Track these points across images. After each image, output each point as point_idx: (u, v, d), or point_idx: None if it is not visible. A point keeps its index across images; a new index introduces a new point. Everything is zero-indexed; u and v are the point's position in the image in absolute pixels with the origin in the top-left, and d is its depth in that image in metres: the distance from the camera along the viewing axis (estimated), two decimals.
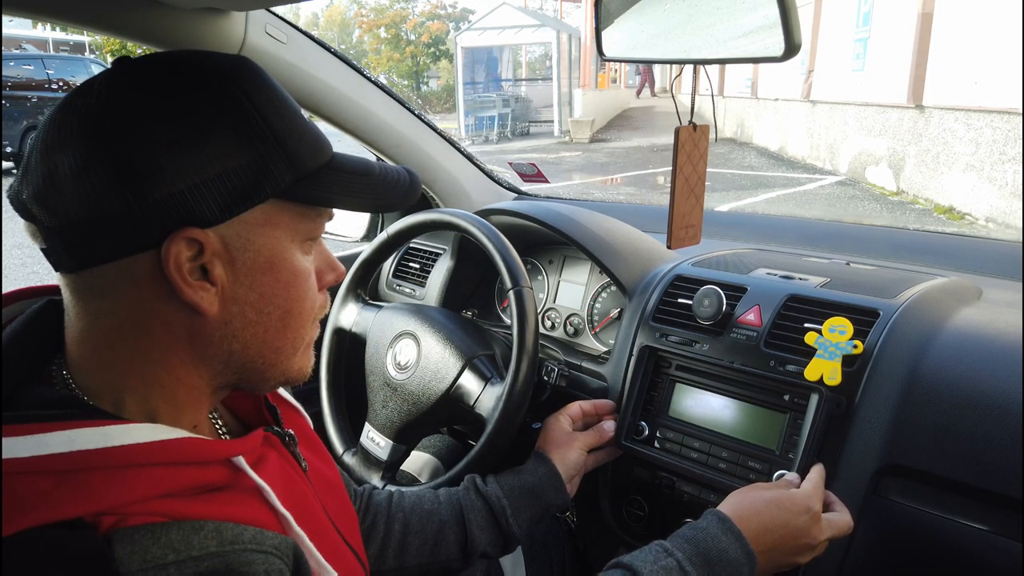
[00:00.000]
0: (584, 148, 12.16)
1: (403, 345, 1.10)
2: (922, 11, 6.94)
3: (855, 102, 8.41)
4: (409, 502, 0.87)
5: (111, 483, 0.43)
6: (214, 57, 0.52)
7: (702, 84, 1.04)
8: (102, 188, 0.45)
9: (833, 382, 0.82)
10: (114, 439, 0.44)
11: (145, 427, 0.46)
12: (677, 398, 0.96)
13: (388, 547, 0.83)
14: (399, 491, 0.89)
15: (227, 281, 0.50)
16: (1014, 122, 5.62)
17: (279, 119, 0.51)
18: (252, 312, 0.52)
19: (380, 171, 0.57)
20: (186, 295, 0.48)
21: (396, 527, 0.84)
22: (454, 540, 0.85)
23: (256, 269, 0.51)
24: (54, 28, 14.73)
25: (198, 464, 0.48)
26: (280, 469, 0.56)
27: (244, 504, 0.49)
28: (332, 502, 0.65)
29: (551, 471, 0.89)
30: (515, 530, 0.87)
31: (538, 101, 16.49)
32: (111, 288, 0.48)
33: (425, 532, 0.84)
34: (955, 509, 0.73)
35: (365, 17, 27.78)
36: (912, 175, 7.20)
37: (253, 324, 0.52)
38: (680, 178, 0.94)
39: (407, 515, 0.85)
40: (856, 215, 6.71)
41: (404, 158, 1.39)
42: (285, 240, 0.53)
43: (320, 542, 0.54)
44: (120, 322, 0.48)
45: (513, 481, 0.89)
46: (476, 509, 0.86)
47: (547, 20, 16.14)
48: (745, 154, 10.89)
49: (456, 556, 0.85)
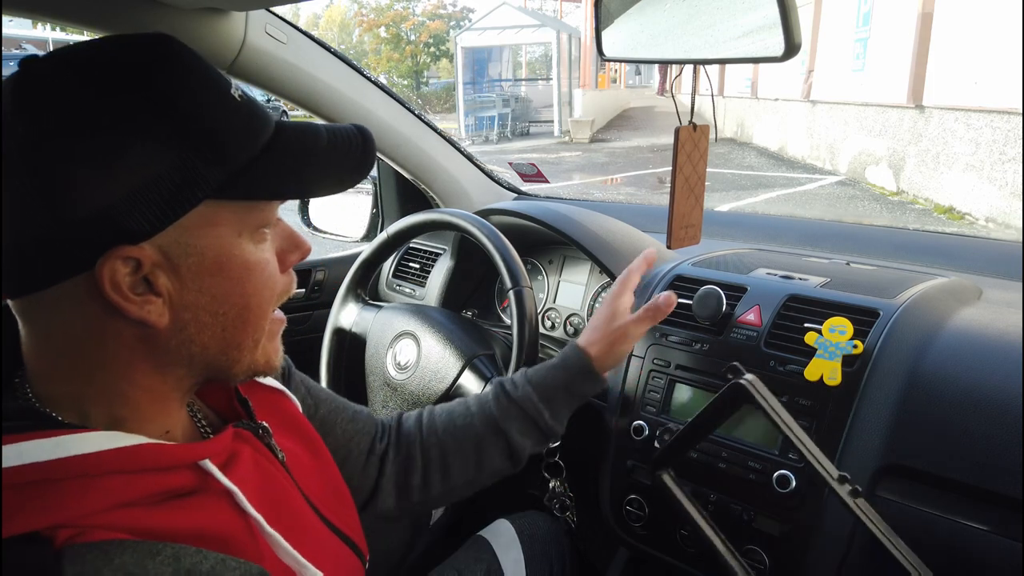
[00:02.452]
0: (584, 148, 12.16)
1: (403, 345, 1.10)
2: (922, 11, 6.94)
3: (855, 102, 8.41)
4: (441, 423, 0.85)
5: (66, 494, 0.41)
6: (125, 48, 0.46)
7: (702, 84, 1.04)
8: (23, 213, 0.42)
9: (833, 382, 0.82)
10: (68, 449, 0.43)
11: (100, 435, 0.45)
12: (677, 398, 0.96)
13: (431, 474, 0.83)
14: (429, 413, 0.87)
15: (174, 289, 0.47)
16: (1014, 122, 5.62)
17: (201, 111, 0.46)
18: (206, 315, 0.49)
19: (328, 143, 0.52)
20: (130, 312, 0.45)
21: (433, 453, 0.83)
22: (496, 452, 0.84)
23: (203, 272, 0.48)
24: (54, 28, 14.71)
25: (161, 470, 0.46)
26: (254, 464, 0.54)
27: (212, 509, 0.48)
28: (317, 488, 0.63)
29: (584, 366, 0.86)
30: (556, 428, 0.85)
31: (538, 101, 16.49)
32: (56, 308, 0.46)
33: (464, 451, 0.83)
34: (955, 509, 0.73)
35: (365, 17, 27.76)
36: (912, 175, 7.20)
37: (209, 326, 0.50)
38: (680, 178, 0.94)
39: (441, 438, 0.83)
40: (856, 215, 6.71)
41: (404, 158, 1.39)
42: (231, 237, 0.49)
43: (300, 538, 0.53)
44: (72, 337, 0.46)
45: (545, 380, 0.86)
46: (511, 417, 0.84)
47: (547, 20, 16.13)
48: (745, 154, 10.88)
49: (503, 464, 0.84)
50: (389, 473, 0.83)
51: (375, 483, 0.83)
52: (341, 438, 0.80)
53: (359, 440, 0.82)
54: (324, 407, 0.80)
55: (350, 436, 0.81)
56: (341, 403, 0.83)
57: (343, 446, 0.80)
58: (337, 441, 0.79)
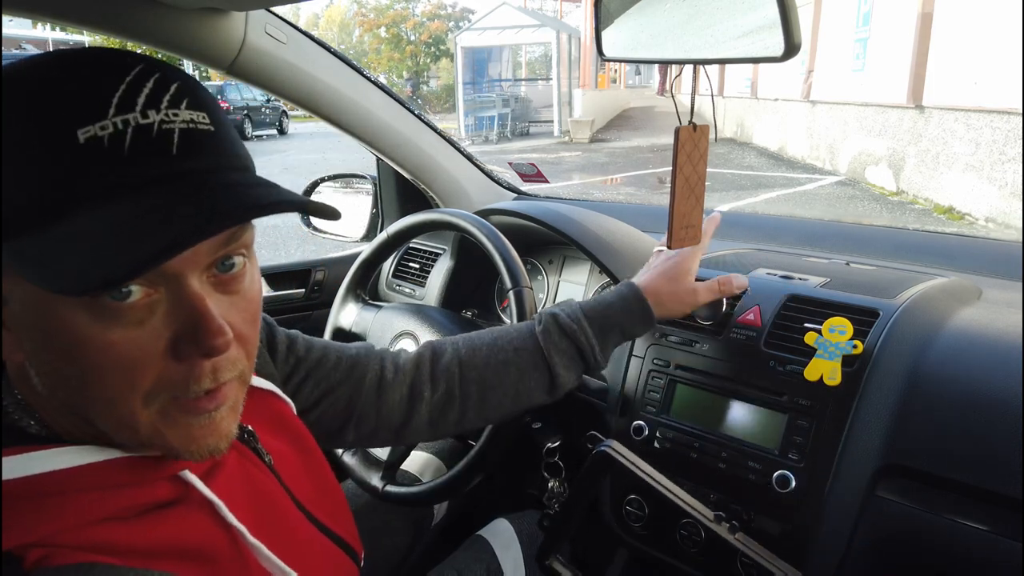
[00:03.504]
0: (584, 148, 12.16)
1: (403, 345, 1.10)
2: (922, 11, 6.94)
3: (855, 102, 8.41)
4: (482, 358, 0.83)
5: (40, 512, 0.40)
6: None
7: (702, 84, 1.04)
8: None
9: (833, 382, 0.82)
10: (36, 467, 0.41)
11: (71, 451, 0.43)
12: (677, 398, 0.96)
13: (468, 410, 0.82)
14: (469, 347, 0.84)
15: (22, 352, 0.43)
16: (1014, 122, 5.62)
17: None
18: (50, 375, 0.43)
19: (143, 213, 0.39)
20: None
21: (472, 389, 0.82)
22: (537, 386, 0.83)
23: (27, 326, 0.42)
24: (54, 28, 14.72)
25: (140, 484, 0.45)
26: (239, 470, 0.53)
27: (193, 521, 0.46)
28: (307, 488, 0.62)
29: (644, 310, 0.85)
30: (603, 364, 0.85)
31: (538, 101, 16.49)
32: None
33: (504, 385, 0.82)
34: (955, 509, 0.73)
35: (365, 17, 27.76)
36: (912, 175, 7.20)
37: (62, 388, 0.43)
38: (680, 178, 0.94)
39: (482, 374, 0.82)
40: (856, 215, 6.71)
41: (404, 158, 1.39)
42: (53, 300, 0.40)
43: (286, 544, 0.52)
44: None
45: (602, 317, 0.84)
46: (560, 351, 0.83)
47: (547, 20, 16.14)
48: (745, 154, 10.88)
49: (543, 398, 0.84)
50: (423, 412, 0.82)
51: (406, 418, 0.82)
52: (341, 376, 0.79)
53: (361, 371, 0.81)
54: (315, 352, 0.79)
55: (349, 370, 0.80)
56: (334, 345, 0.82)
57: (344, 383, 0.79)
58: (337, 380, 0.79)
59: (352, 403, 0.80)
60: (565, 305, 0.86)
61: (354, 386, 0.80)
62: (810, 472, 0.82)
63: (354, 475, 1.08)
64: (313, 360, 0.78)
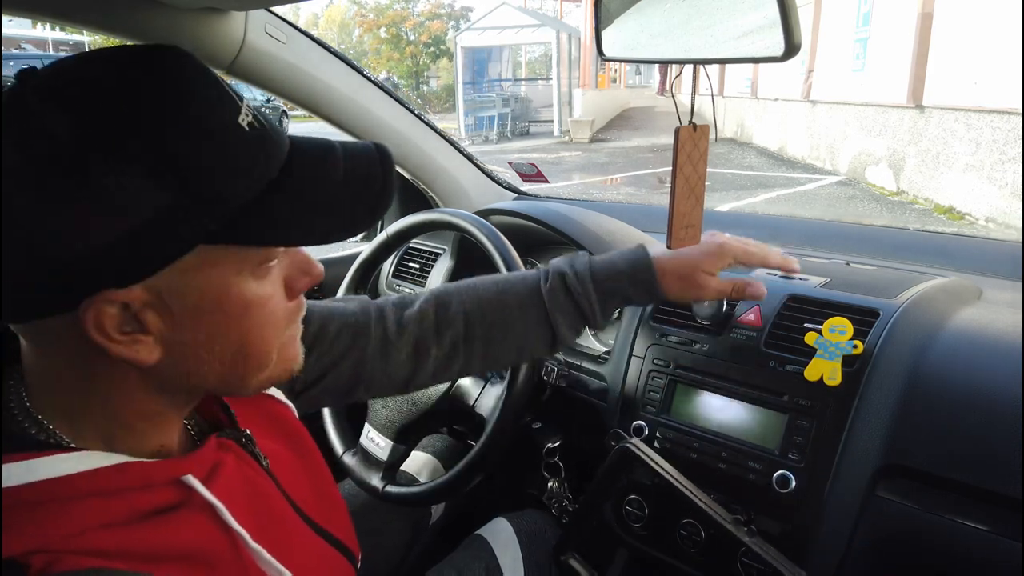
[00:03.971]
0: (584, 148, 12.16)
1: None
2: (922, 11, 6.94)
3: (855, 102, 8.41)
4: (487, 314, 0.83)
5: (44, 518, 0.41)
6: (115, 66, 0.41)
7: (702, 84, 1.04)
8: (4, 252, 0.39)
9: (833, 382, 0.82)
10: (38, 473, 0.41)
11: (73, 457, 0.43)
12: (677, 398, 0.96)
13: (472, 364, 0.84)
14: (475, 303, 0.83)
15: (165, 328, 0.45)
16: (1014, 122, 5.61)
17: (199, 147, 0.41)
18: (203, 351, 0.47)
19: (345, 172, 0.48)
20: (115, 352, 0.43)
21: (477, 346, 0.82)
22: (540, 342, 0.84)
23: (199, 311, 0.45)
24: (53, 28, 14.73)
25: (142, 489, 0.45)
26: (238, 473, 0.54)
27: (195, 525, 0.47)
28: (304, 490, 0.62)
29: (651, 284, 0.82)
30: (603, 324, 0.86)
31: (538, 101, 16.49)
32: (48, 334, 0.44)
33: (508, 342, 0.83)
34: (955, 509, 0.73)
35: (365, 17, 27.77)
36: (912, 175, 7.20)
37: (207, 362, 0.48)
38: (680, 178, 0.94)
39: (489, 334, 0.83)
40: (856, 215, 6.71)
41: (404, 158, 1.39)
42: (230, 276, 0.46)
43: (285, 547, 0.52)
44: (67, 358, 0.45)
45: (609, 282, 0.83)
46: (567, 312, 0.83)
47: (547, 20, 16.14)
48: (745, 154, 10.88)
49: (543, 352, 0.86)
50: (428, 367, 0.83)
51: (411, 374, 0.83)
52: (343, 347, 0.79)
53: (364, 340, 0.80)
54: (313, 325, 0.77)
55: (351, 340, 0.79)
56: (333, 312, 0.80)
57: (347, 354, 0.79)
58: (340, 352, 0.78)
59: (358, 371, 0.80)
60: (575, 261, 0.85)
61: (358, 356, 0.79)
62: (810, 472, 0.82)
63: (354, 475, 1.08)
64: (312, 335, 0.77)
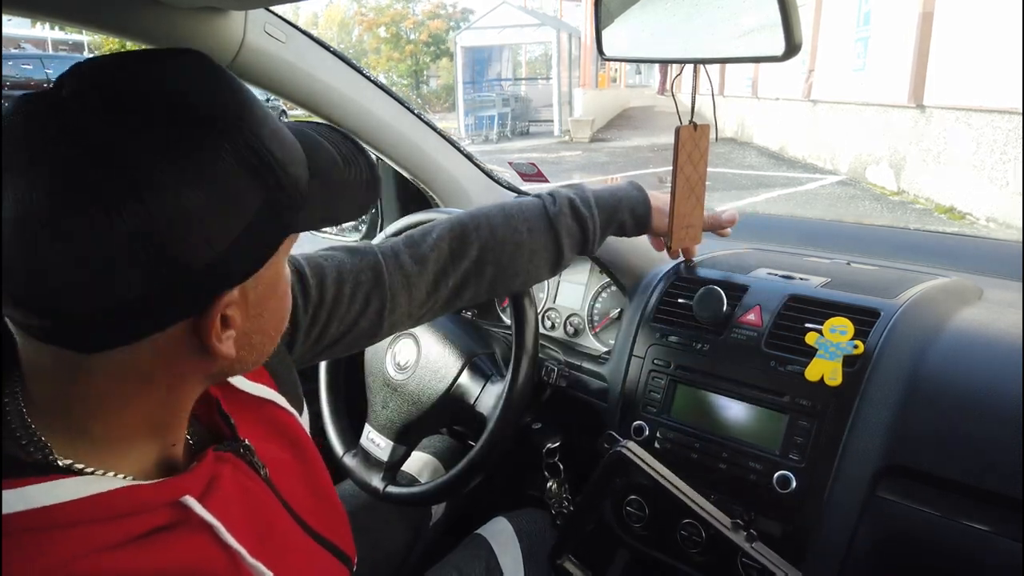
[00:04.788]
0: (584, 148, 12.16)
1: (402, 345, 1.10)
2: (922, 11, 6.93)
3: (856, 102, 8.41)
4: (500, 241, 0.85)
5: (38, 546, 0.40)
6: (173, 73, 0.42)
7: (702, 84, 1.04)
8: (126, 267, 0.38)
9: (834, 382, 0.82)
10: (36, 500, 0.41)
11: (71, 483, 0.42)
12: (677, 399, 0.96)
13: (480, 291, 0.86)
14: (489, 230, 0.84)
15: (241, 321, 0.47)
16: (1015, 122, 5.61)
17: (272, 144, 0.43)
18: (257, 336, 0.50)
19: (339, 153, 0.51)
20: (217, 351, 0.45)
21: (488, 270, 0.85)
22: (545, 265, 0.88)
23: (265, 298, 0.49)
24: (53, 27, 14.73)
25: (139, 512, 0.44)
26: (235, 485, 0.53)
27: (193, 544, 0.46)
28: (302, 495, 0.62)
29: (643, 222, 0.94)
30: (595, 249, 0.92)
31: (538, 101, 16.48)
32: (115, 356, 0.42)
33: (516, 266, 0.86)
34: (955, 509, 0.73)
35: (365, 16, 27.77)
36: (913, 175, 7.20)
37: (258, 345, 0.51)
38: (681, 178, 0.94)
39: (499, 256, 0.85)
40: (857, 215, 6.71)
41: (404, 157, 1.39)
42: (282, 261, 0.51)
43: (279, 558, 0.52)
44: (120, 378, 0.44)
45: (612, 214, 0.92)
46: (573, 235, 0.88)
47: (547, 19, 16.13)
48: (745, 154, 10.88)
49: (545, 274, 0.89)
50: (443, 296, 0.84)
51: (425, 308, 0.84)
52: (358, 308, 0.78)
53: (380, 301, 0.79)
54: (329, 292, 0.77)
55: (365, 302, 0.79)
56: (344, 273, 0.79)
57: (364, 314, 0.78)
58: (357, 312, 0.78)
59: (379, 318, 0.80)
60: (578, 189, 0.92)
61: (377, 306, 0.79)
62: (811, 473, 0.81)
63: (354, 476, 1.08)
64: (330, 300, 0.76)
